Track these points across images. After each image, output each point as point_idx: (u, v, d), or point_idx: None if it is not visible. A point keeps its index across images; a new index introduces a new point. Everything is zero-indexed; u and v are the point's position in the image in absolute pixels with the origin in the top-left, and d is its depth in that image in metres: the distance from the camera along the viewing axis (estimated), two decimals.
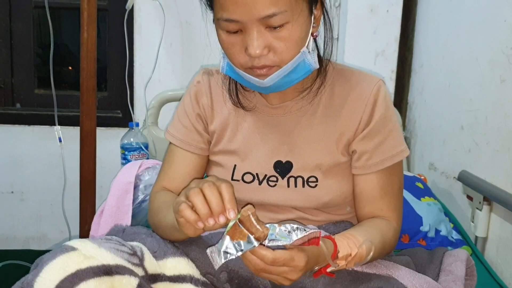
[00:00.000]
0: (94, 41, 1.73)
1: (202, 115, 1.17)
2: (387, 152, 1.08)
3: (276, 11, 0.91)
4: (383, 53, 2.27)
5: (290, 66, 0.98)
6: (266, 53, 0.95)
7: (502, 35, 1.53)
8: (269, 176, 1.11)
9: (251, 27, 0.93)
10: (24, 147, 2.36)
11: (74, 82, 2.46)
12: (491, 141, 1.59)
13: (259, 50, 0.93)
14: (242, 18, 0.92)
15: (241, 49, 0.96)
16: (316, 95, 1.10)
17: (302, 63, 0.99)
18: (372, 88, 1.08)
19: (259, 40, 0.93)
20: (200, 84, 1.18)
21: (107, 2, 2.28)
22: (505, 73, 1.51)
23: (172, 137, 1.19)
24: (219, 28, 0.97)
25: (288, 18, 0.93)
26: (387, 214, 1.10)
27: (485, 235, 1.59)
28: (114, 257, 0.91)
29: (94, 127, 1.80)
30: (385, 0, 2.24)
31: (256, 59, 0.95)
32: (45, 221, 2.44)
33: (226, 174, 1.14)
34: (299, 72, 1.01)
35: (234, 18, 0.92)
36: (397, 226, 1.11)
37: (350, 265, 0.98)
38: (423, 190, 1.72)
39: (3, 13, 2.29)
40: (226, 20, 0.93)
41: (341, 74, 1.11)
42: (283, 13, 0.92)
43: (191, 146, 1.17)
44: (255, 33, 0.93)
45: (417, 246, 1.53)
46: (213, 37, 1.06)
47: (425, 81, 2.14)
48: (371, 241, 1.00)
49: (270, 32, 0.94)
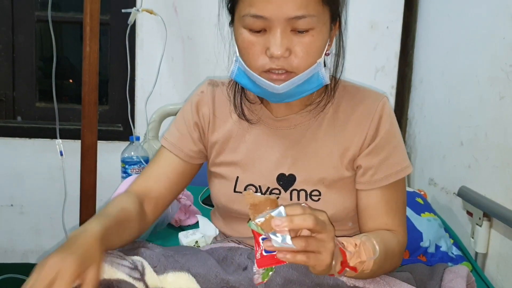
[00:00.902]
0: (96, 55, 1.75)
1: (200, 124, 1.17)
2: (391, 168, 1.08)
3: (305, 14, 0.92)
4: (383, 68, 2.29)
5: (305, 75, 0.98)
6: (287, 56, 0.95)
7: (501, 52, 1.55)
8: (272, 189, 1.11)
9: (277, 27, 0.93)
10: (25, 160, 2.37)
11: (75, 95, 2.47)
12: (491, 157, 1.59)
13: (282, 51, 0.94)
14: (271, 15, 0.92)
15: (261, 50, 0.96)
16: (322, 110, 1.11)
17: (316, 74, 1.00)
18: (378, 104, 1.09)
19: (283, 41, 0.94)
20: (204, 94, 1.18)
21: (109, 16, 2.30)
22: (504, 90, 1.52)
23: (165, 140, 1.18)
24: (242, 26, 0.97)
25: (314, 24, 0.94)
26: (392, 229, 1.10)
27: (485, 251, 1.59)
28: (116, 271, 0.91)
29: (95, 140, 1.80)
30: (385, 17, 2.27)
31: (276, 60, 0.95)
32: (45, 235, 2.44)
33: (228, 186, 1.14)
34: (312, 84, 1.01)
35: (263, 14, 0.92)
36: (402, 239, 1.11)
37: (363, 256, 0.93)
38: (423, 205, 1.72)
39: (6, 26, 2.31)
40: (253, 16, 0.94)
41: (346, 90, 1.12)
42: (311, 17, 0.93)
43: (181, 152, 1.16)
44: (280, 33, 0.93)
45: (417, 261, 1.52)
46: (217, 49, 1.07)
47: (425, 97, 2.15)
48: (367, 237, 0.99)
49: (294, 35, 0.94)
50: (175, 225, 1.68)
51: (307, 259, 0.81)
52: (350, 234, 1.17)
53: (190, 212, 1.70)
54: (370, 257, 0.94)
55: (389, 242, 1.06)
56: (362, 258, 0.93)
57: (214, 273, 1.02)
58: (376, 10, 2.25)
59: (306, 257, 0.81)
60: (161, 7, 2.21)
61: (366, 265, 0.94)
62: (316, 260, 0.81)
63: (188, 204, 1.70)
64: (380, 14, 2.27)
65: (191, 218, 1.70)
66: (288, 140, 1.11)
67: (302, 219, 0.79)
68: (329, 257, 0.82)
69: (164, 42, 2.21)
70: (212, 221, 1.29)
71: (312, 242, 0.80)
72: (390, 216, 1.09)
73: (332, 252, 0.83)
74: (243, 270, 1.05)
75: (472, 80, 1.72)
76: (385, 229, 1.10)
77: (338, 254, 0.89)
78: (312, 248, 0.80)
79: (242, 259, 1.08)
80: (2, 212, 2.42)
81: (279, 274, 1.02)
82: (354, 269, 0.92)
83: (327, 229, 0.82)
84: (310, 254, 0.81)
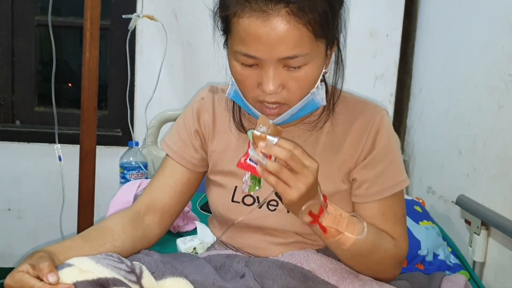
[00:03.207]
0: (96, 61, 1.75)
1: (200, 132, 1.17)
2: (387, 182, 1.08)
3: (298, 53, 0.90)
4: (383, 76, 2.30)
5: (299, 106, 0.98)
6: (280, 91, 0.95)
7: (500, 61, 1.55)
8: (270, 200, 1.11)
9: (269, 65, 0.92)
10: (23, 164, 2.36)
11: (73, 99, 2.47)
12: (489, 166, 1.59)
13: (274, 88, 0.93)
14: (263, 56, 0.91)
15: (254, 83, 0.95)
16: (322, 127, 1.10)
17: (311, 102, 1.00)
18: (376, 117, 1.08)
19: (275, 78, 0.92)
20: (204, 100, 1.18)
21: (110, 21, 2.30)
22: (503, 99, 1.53)
23: (168, 147, 1.18)
24: (234, 60, 0.96)
25: (308, 61, 0.92)
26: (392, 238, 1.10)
27: (483, 260, 1.59)
28: (111, 272, 0.91)
29: (94, 146, 1.80)
30: (385, 24, 2.27)
31: (269, 95, 0.95)
32: (42, 239, 2.43)
33: (226, 195, 1.14)
34: (307, 109, 1.02)
35: (254, 55, 0.91)
36: (402, 245, 1.09)
37: (342, 228, 0.96)
38: (422, 213, 1.72)
39: (6, 30, 2.31)
40: (244, 55, 0.92)
41: (345, 102, 1.11)
42: (304, 56, 0.91)
43: (184, 160, 1.16)
44: (272, 71, 0.92)
45: (415, 270, 1.52)
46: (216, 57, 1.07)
47: (424, 105, 2.16)
48: (359, 219, 1.00)
49: (287, 71, 0.93)
50: (173, 231, 1.67)
51: (275, 184, 0.88)
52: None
53: (188, 218, 1.70)
54: (353, 235, 0.97)
55: (383, 238, 1.06)
56: (340, 228, 0.97)
57: (211, 280, 1.02)
58: (376, 18, 2.26)
59: (275, 182, 0.88)
60: (162, 13, 2.21)
61: (343, 239, 0.97)
62: (283, 189, 0.88)
63: (186, 210, 1.69)
64: (380, 22, 2.27)
65: (189, 224, 1.69)
66: None
67: (280, 150, 0.87)
68: (296, 195, 0.88)
69: (164, 48, 2.21)
70: (210, 227, 1.29)
71: (285, 172, 0.87)
72: (388, 227, 1.09)
73: (302, 193, 0.88)
74: (241, 278, 1.05)
75: (471, 89, 1.72)
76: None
77: (314, 205, 0.93)
78: (283, 177, 0.87)
79: (239, 267, 1.08)
80: (0, 216, 2.41)
81: (276, 281, 1.02)
82: (324, 229, 0.96)
83: (303, 172, 0.87)
84: (279, 182, 0.88)
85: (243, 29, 0.90)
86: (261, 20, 0.87)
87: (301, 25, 0.88)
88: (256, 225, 1.12)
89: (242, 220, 1.10)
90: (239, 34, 0.91)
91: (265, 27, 0.87)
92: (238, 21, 0.90)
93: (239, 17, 0.90)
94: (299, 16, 0.87)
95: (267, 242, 1.13)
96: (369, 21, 2.27)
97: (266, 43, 0.89)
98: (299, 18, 0.88)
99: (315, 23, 0.89)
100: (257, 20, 0.88)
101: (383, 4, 2.26)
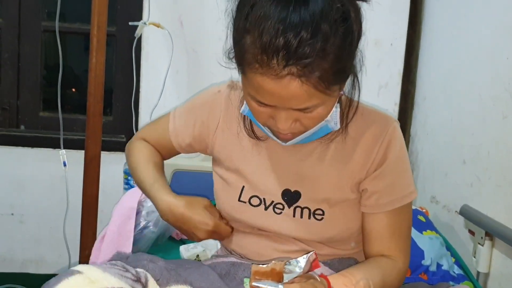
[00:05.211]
0: (103, 67, 1.75)
1: (206, 124, 1.18)
2: (397, 193, 1.08)
3: (309, 105, 0.91)
4: (387, 85, 2.30)
5: (312, 131, 0.99)
6: (293, 126, 0.96)
7: (505, 72, 1.55)
8: (276, 203, 1.11)
9: (281, 111, 0.93)
10: (27, 169, 2.37)
11: (78, 105, 2.48)
12: (493, 176, 1.59)
13: (287, 127, 0.95)
14: (276, 104, 0.91)
15: (268, 116, 0.96)
16: (334, 139, 1.10)
17: (324, 127, 1.00)
18: (388, 128, 1.08)
19: (288, 120, 0.94)
20: (220, 94, 1.18)
21: (116, 28, 2.32)
22: (507, 109, 1.53)
23: (173, 118, 1.23)
24: (248, 95, 0.96)
25: (320, 105, 0.93)
26: (394, 254, 1.10)
27: (487, 270, 1.59)
28: (119, 281, 0.92)
29: (99, 151, 1.80)
30: (389, 34, 2.28)
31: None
32: (44, 244, 2.43)
33: (233, 194, 1.14)
34: (320, 134, 1.03)
35: (267, 103, 0.92)
36: (402, 266, 1.11)
37: None
38: (425, 223, 1.72)
39: (12, 35, 2.32)
40: (257, 101, 0.93)
41: (358, 112, 1.10)
42: (316, 106, 0.92)
43: (176, 138, 1.22)
44: (285, 114, 0.93)
45: (419, 280, 1.52)
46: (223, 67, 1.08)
47: (428, 115, 2.16)
48: (367, 279, 0.99)
49: (300, 111, 0.93)
50: (176, 238, 1.68)
51: None
52: (352, 254, 1.17)
53: None
54: None
55: (388, 278, 1.07)
56: None
57: (216, 287, 1.02)
58: (380, 27, 2.26)
59: None
60: (167, 20, 2.22)
61: None
62: None
63: None
64: (384, 32, 2.28)
65: None
66: (296, 157, 1.11)
67: None
68: None
69: (170, 55, 2.22)
70: None
71: None
72: (393, 241, 1.09)
73: None
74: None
75: (475, 99, 1.73)
76: (387, 254, 1.10)
77: None
78: None
79: (245, 275, 1.08)
80: (2, 221, 2.41)
81: None
82: None
83: None
84: None
85: (257, 82, 0.89)
86: (272, 79, 0.87)
87: (311, 83, 0.87)
88: (260, 226, 1.12)
89: (246, 220, 1.10)
90: (253, 83, 0.91)
91: (276, 84, 0.87)
92: (252, 73, 0.89)
93: (252, 70, 0.89)
94: (308, 76, 0.86)
95: (272, 249, 1.13)
96: (373, 31, 2.26)
97: (279, 97, 0.89)
98: (309, 78, 0.86)
99: (327, 76, 0.88)
100: (269, 78, 0.87)
101: (388, 13, 2.26)
